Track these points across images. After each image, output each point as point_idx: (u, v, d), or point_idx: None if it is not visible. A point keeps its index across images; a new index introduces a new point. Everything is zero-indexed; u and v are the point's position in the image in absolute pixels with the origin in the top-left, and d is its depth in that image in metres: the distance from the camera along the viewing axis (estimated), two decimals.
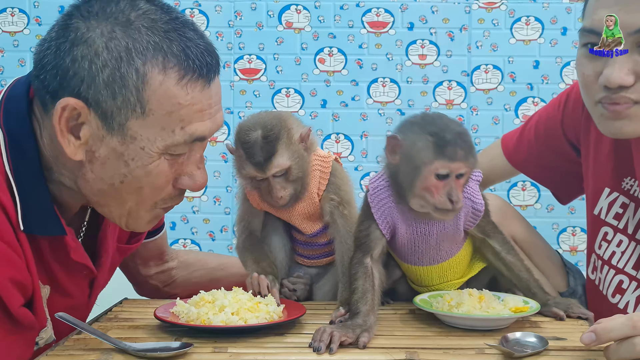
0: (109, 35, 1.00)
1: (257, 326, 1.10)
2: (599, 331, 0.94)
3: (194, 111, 1.04)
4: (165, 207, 1.13)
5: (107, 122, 1.01)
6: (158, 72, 1.01)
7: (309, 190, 1.30)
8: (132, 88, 1.00)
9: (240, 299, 1.14)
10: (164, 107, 1.02)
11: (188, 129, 1.04)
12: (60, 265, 1.13)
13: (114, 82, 0.99)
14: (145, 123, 1.02)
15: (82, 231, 1.22)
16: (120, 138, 1.02)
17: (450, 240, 1.22)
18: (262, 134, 1.23)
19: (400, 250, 1.24)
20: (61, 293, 1.15)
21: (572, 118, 1.48)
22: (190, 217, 2.87)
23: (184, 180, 1.10)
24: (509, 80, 2.84)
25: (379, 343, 1.06)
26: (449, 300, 1.18)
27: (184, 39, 1.03)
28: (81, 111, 1.01)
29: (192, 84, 1.03)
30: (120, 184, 1.06)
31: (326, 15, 2.85)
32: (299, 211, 1.32)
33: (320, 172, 1.31)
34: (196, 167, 1.10)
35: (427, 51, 2.85)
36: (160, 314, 1.13)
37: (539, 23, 2.82)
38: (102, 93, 1.00)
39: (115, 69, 0.99)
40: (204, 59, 1.04)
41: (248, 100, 2.84)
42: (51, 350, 1.03)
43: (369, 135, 2.86)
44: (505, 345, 1.02)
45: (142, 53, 1.00)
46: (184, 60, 1.02)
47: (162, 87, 1.01)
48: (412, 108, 2.85)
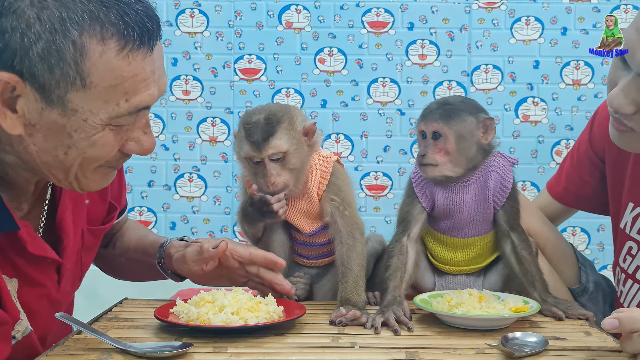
0: (39, 4, 0.94)
1: (257, 326, 1.10)
2: (624, 319, 0.95)
3: (137, 81, 0.99)
4: (112, 167, 1.10)
5: (45, 95, 0.96)
6: (96, 43, 0.95)
7: (308, 188, 1.31)
8: (70, 61, 0.94)
9: (240, 299, 1.14)
10: (106, 80, 0.97)
11: (133, 100, 1.00)
12: (21, 258, 1.10)
13: (49, 55, 0.94)
14: (86, 95, 0.97)
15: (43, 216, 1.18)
16: (60, 110, 0.97)
17: (481, 212, 1.30)
18: (265, 116, 1.26)
19: (437, 220, 1.33)
20: (29, 284, 1.13)
21: (598, 133, 1.49)
22: (190, 217, 2.87)
23: (130, 146, 1.06)
24: (509, 80, 2.84)
25: (379, 343, 1.06)
26: (448, 300, 1.18)
27: (122, 5, 0.97)
28: (16, 85, 0.95)
29: (134, 54, 0.98)
30: (64, 155, 1.02)
31: (326, 15, 2.85)
32: (297, 208, 1.32)
33: (322, 171, 1.31)
34: (142, 132, 1.06)
35: (427, 51, 2.85)
36: (160, 314, 1.13)
37: (539, 23, 2.82)
38: (37, 67, 0.94)
39: (50, 42, 0.93)
40: (144, 25, 0.98)
41: (248, 100, 2.84)
42: (51, 350, 1.03)
43: (369, 135, 2.86)
44: (505, 345, 1.02)
45: (77, 23, 0.94)
46: (123, 29, 0.96)
47: (102, 58, 0.96)
48: (412, 108, 2.85)
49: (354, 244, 1.29)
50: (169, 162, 2.86)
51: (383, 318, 1.14)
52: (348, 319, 1.17)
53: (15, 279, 1.11)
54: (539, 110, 2.83)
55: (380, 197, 2.86)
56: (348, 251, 1.28)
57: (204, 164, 2.87)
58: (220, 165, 2.87)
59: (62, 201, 1.18)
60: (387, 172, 2.87)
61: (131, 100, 1.00)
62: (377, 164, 2.87)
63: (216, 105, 2.84)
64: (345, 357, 1.01)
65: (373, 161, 2.87)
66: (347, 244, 1.28)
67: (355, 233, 1.30)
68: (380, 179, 2.87)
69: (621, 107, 1.16)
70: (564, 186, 1.60)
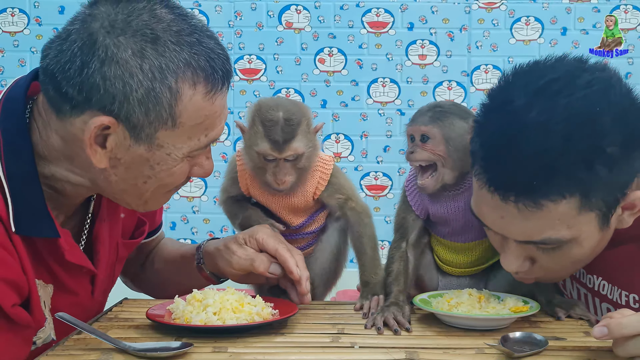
0: (140, 54, 1.01)
1: (258, 324, 1.10)
2: (612, 326, 0.95)
3: (215, 117, 1.09)
4: (177, 189, 1.19)
5: (135, 133, 1.04)
6: (188, 88, 1.04)
7: (305, 187, 1.32)
8: (165, 105, 1.03)
9: (229, 299, 1.14)
10: (193, 119, 1.06)
11: (210, 134, 1.10)
12: (58, 265, 1.14)
13: (148, 100, 1.02)
14: (174, 133, 1.06)
15: (85, 227, 1.23)
16: (147, 146, 1.06)
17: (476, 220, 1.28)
18: (284, 116, 1.26)
19: (436, 225, 1.33)
20: (64, 290, 1.16)
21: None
22: (190, 217, 2.87)
23: (195, 171, 1.15)
24: None
25: (379, 343, 1.06)
26: (448, 300, 1.18)
27: (207, 51, 1.06)
28: (111, 125, 1.03)
29: (216, 95, 1.08)
30: (143, 184, 1.10)
31: (326, 15, 2.85)
32: (289, 204, 1.33)
33: (321, 173, 1.33)
34: (205, 157, 1.15)
35: (427, 51, 2.85)
36: (153, 313, 1.14)
37: (539, 23, 2.82)
38: (135, 110, 1.02)
39: (150, 89, 1.02)
40: (225, 68, 1.08)
41: (248, 100, 2.84)
42: (51, 350, 1.03)
43: (369, 135, 2.87)
44: (505, 345, 1.02)
45: (174, 71, 1.02)
46: (210, 73, 1.06)
47: (192, 101, 1.05)
48: (412, 108, 2.85)
49: (364, 230, 1.34)
50: None
51: (383, 318, 1.15)
52: (374, 306, 1.24)
53: (52, 285, 1.14)
54: None
55: (380, 197, 2.86)
56: (360, 237, 1.34)
57: None
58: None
59: (101, 214, 1.23)
60: (387, 172, 2.87)
61: (209, 135, 1.10)
62: (377, 164, 2.87)
63: None
64: (345, 357, 1.01)
65: (373, 161, 2.87)
66: (358, 231, 1.34)
67: (364, 219, 1.35)
68: (380, 179, 2.87)
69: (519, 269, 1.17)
70: None
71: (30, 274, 1.07)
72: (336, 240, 1.38)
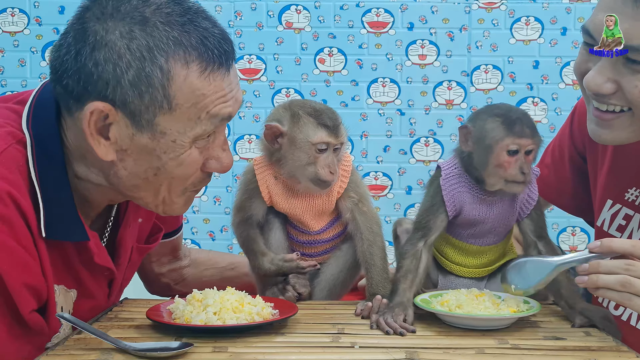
0: (128, 35, 1.01)
1: (258, 324, 1.10)
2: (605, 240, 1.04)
3: (216, 98, 1.07)
4: (195, 190, 1.17)
5: (135, 120, 1.04)
6: (181, 67, 1.03)
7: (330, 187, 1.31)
8: (158, 86, 1.02)
9: (229, 299, 1.14)
10: (190, 100, 1.04)
11: (213, 112, 1.07)
12: (85, 268, 1.15)
13: (139, 82, 1.01)
14: (172, 117, 1.04)
15: (107, 231, 1.24)
16: (150, 134, 1.05)
17: (504, 223, 1.28)
18: (326, 107, 1.31)
19: (457, 227, 1.30)
20: (86, 295, 1.17)
21: (579, 129, 1.47)
22: (190, 217, 2.87)
23: (211, 164, 1.13)
24: (508, 80, 2.84)
25: (379, 343, 1.06)
26: (448, 301, 1.18)
27: (201, 30, 1.04)
28: (109, 113, 1.03)
29: (214, 74, 1.05)
30: (154, 176, 1.09)
31: (326, 15, 2.85)
32: (314, 206, 1.32)
33: (342, 170, 1.32)
34: (221, 149, 1.13)
35: (427, 51, 2.85)
36: (153, 313, 1.14)
37: (539, 23, 2.82)
38: (128, 94, 1.02)
39: (140, 69, 1.01)
40: (222, 47, 1.06)
41: (248, 100, 2.84)
42: (51, 350, 1.03)
43: (369, 135, 2.87)
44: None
45: (163, 50, 1.01)
46: (203, 52, 1.04)
47: (187, 81, 1.03)
48: (412, 108, 2.85)
49: (374, 239, 1.31)
50: None
51: (385, 320, 1.14)
52: (376, 307, 1.20)
53: (75, 290, 1.15)
54: (539, 110, 2.83)
55: (380, 197, 2.86)
56: (370, 247, 1.30)
57: None
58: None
59: (126, 219, 1.24)
60: (387, 172, 2.87)
61: (211, 112, 1.07)
62: (377, 164, 2.87)
63: None
64: (345, 357, 1.01)
65: (373, 161, 2.87)
66: (368, 240, 1.31)
67: (374, 227, 1.32)
68: (380, 179, 2.87)
69: (599, 86, 1.17)
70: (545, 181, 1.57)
71: (50, 280, 1.07)
72: (353, 253, 1.35)
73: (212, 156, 1.12)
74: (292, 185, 1.32)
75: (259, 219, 1.36)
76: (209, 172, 1.14)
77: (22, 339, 1.05)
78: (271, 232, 1.37)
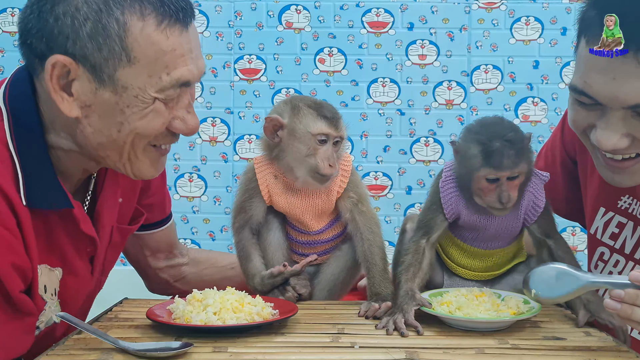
0: None
1: (258, 324, 1.10)
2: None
3: (176, 56, 1.08)
4: (162, 150, 1.17)
5: (96, 74, 1.05)
6: (137, 19, 1.05)
7: (329, 186, 1.31)
8: (115, 37, 1.04)
9: (229, 299, 1.14)
10: (148, 53, 1.06)
11: (173, 74, 1.08)
12: (68, 240, 1.16)
13: (97, 34, 1.04)
14: (132, 71, 1.06)
15: (85, 205, 1.24)
16: (112, 89, 1.06)
17: (509, 231, 1.27)
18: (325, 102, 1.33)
19: (461, 229, 1.30)
20: (70, 272, 1.18)
21: (570, 135, 1.46)
22: (190, 217, 2.87)
23: (176, 124, 1.13)
24: (508, 81, 2.84)
25: (379, 343, 1.06)
26: (449, 302, 1.18)
27: None
28: (70, 67, 1.05)
29: (171, 29, 1.07)
30: (117, 132, 1.09)
31: (326, 15, 2.85)
32: (313, 205, 1.32)
33: (342, 170, 1.32)
34: (186, 111, 1.14)
35: (427, 51, 2.85)
36: (153, 313, 1.14)
37: (539, 23, 2.82)
38: (87, 47, 1.04)
39: (97, 21, 1.03)
40: (179, 4, 1.08)
41: (248, 101, 2.84)
42: (51, 350, 1.03)
43: (369, 135, 2.86)
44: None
45: (119, 3, 1.04)
46: (159, 6, 1.06)
47: (143, 33, 1.05)
48: (412, 108, 2.85)
49: (374, 239, 1.31)
50: (169, 162, 2.85)
51: (392, 320, 1.14)
52: (382, 312, 1.20)
53: (60, 268, 1.16)
54: (539, 110, 2.83)
55: (380, 197, 2.86)
56: (370, 247, 1.30)
57: (204, 164, 2.87)
58: (221, 165, 2.87)
59: (104, 192, 1.24)
60: (387, 172, 2.87)
61: (172, 74, 1.08)
62: (377, 164, 2.87)
63: (216, 105, 2.84)
64: (345, 357, 1.01)
65: (373, 161, 2.87)
66: (368, 239, 1.31)
67: (374, 227, 1.32)
68: (380, 179, 2.87)
69: (615, 145, 1.14)
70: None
71: (35, 259, 1.08)
72: (353, 253, 1.35)
73: (177, 116, 1.13)
74: (292, 183, 1.32)
75: (259, 219, 1.36)
76: (175, 132, 1.15)
77: (14, 321, 1.06)
78: (270, 233, 1.37)
